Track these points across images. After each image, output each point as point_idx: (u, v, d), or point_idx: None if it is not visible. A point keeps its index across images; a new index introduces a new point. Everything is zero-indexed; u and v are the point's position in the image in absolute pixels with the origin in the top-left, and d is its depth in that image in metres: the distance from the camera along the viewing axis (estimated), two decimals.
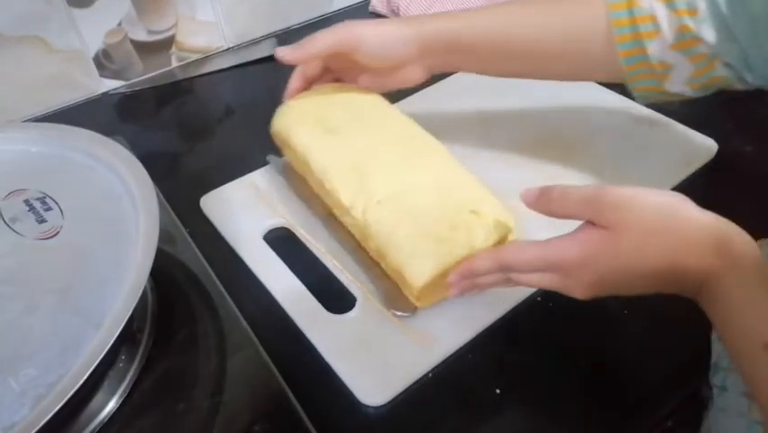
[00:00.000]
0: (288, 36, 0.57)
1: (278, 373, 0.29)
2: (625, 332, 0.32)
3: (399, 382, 0.29)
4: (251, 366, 0.30)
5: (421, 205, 0.31)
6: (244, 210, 0.38)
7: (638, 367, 0.31)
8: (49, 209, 0.31)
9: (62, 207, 0.31)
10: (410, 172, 0.33)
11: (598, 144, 0.42)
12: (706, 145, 0.41)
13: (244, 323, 0.32)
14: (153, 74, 0.53)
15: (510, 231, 0.31)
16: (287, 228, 0.37)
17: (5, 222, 0.31)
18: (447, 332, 0.31)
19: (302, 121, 0.36)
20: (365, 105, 0.37)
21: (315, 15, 0.60)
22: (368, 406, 0.29)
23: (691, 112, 0.45)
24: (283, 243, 0.36)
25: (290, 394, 0.29)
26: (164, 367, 0.29)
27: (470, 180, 0.33)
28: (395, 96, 0.45)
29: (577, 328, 0.32)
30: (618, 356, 0.31)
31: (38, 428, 0.22)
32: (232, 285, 0.34)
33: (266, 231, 0.37)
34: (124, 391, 0.28)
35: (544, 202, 0.27)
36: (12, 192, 0.32)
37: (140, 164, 0.32)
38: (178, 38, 0.53)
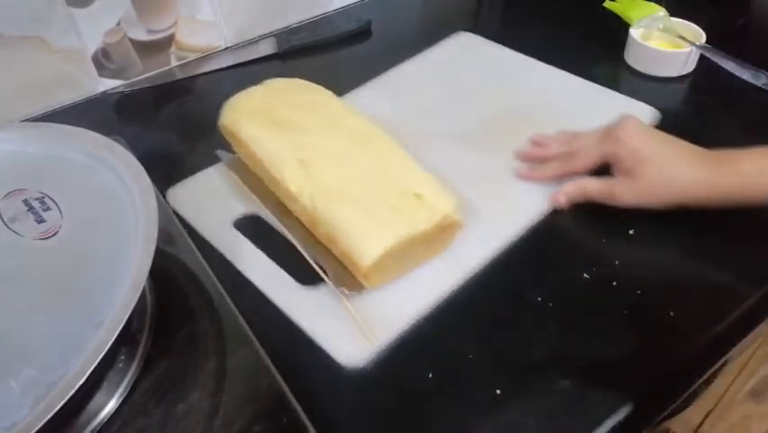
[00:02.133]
0: (287, 35, 0.57)
1: (277, 373, 0.29)
2: (626, 331, 0.32)
3: (375, 344, 0.31)
4: (251, 366, 0.30)
5: (366, 190, 0.33)
6: (212, 200, 0.39)
7: (638, 368, 0.30)
8: (48, 209, 0.31)
9: (61, 207, 0.31)
10: (355, 160, 0.35)
11: (547, 115, 0.45)
12: (648, 114, 0.44)
13: (243, 323, 0.31)
14: (152, 73, 0.53)
15: (451, 212, 0.33)
16: (254, 216, 0.38)
17: (4, 222, 0.31)
18: (389, 313, 0.32)
19: (250, 115, 0.38)
20: (311, 99, 0.39)
21: (315, 14, 0.60)
22: (348, 367, 0.30)
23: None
24: (252, 229, 0.37)
25: (289, 394, 0.28)
26: (163, 367, 0.29)
27: (413, 166, 0.35)
28: (350, 85, 0.47)
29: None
30: (616, 356, 0.31)
31: (38, 427, 0.22)
32: (230, 285, 0.34)
33: (235, 219, 0.38)
34: (124, 391, 0.28)
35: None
36: (10, 192, 0.32)
37: (139, 164, 0.31)
38: (178, 37, 0.53)
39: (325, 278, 0.33)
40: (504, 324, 0.32)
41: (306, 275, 0.34)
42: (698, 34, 0.50)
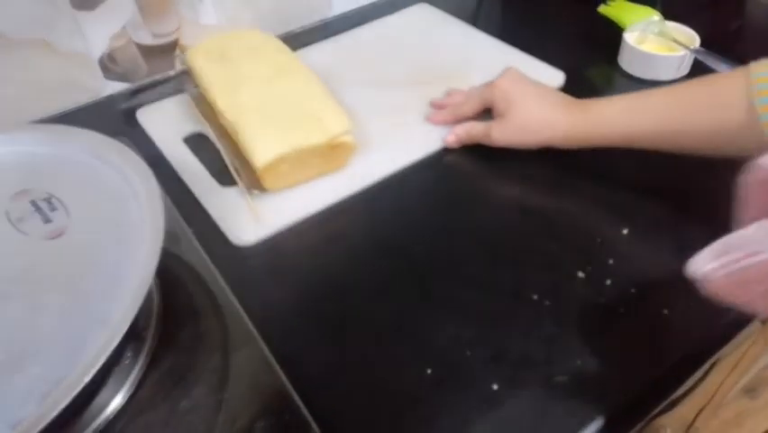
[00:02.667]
0: (288, 40, 0.58)
1: (280, 371, 0.30)
2: (621, 329, 0.33)
3: (262, 229, 0.38)
4: (254, 364, 0.30)
5: (274, 108, 0.40)
6: (171, 121, 0.47)
7: (632, 365, 0.31)
8: (54, 209, 0.31)
9: (68, 208, 0.31)
10: (274, 86, 0.42)
11: (467, 73, 0.51)
12: (554, 75, 0.50)
13: (247, 321, 0.32)
14: (158, 77, 0.53)
15: (341, 132, 0.39)
16: (200, 134, 0.46)
17: (12, 222, 0.31)
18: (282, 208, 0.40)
19: (205, 52, 0.46)
20: (259, 42, 0.47)
21: (316, 20, 0.61)
22: (239, 246, 0.38)
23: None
24: (195, 144, 0.45)
25: (293, 391, 0.29)
26: (169, 365, 0.30)
27: (320, 93, 0.42)
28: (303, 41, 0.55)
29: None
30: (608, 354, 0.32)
31: (44, 424, 0.22)
32: (235, 283, 0.34)
33: (185, 135, 0.46)
34: (130, 389, 0.29)
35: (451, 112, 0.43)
36: (18, 193, 0.32)
37: (145, 165, 0.32)
38: (182, 41, 0.53)
39: (237, 179, 0.40)
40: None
41: (226, 178, 0.41)
42: (692, 38, 0.50)
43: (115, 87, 0.52)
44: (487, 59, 0.52)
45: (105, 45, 0.49)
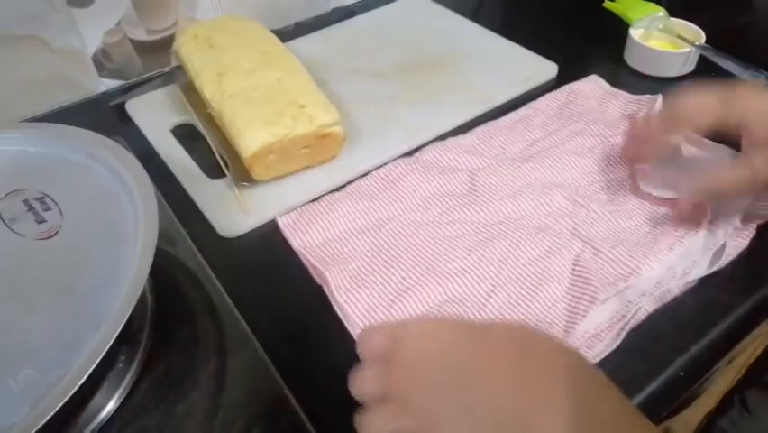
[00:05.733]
0: (283, 33, 0.57)
1: (277, 374, 0.29)
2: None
3: (250, 221, 0.38)
4: (251, 367, 0.30)
5: (261, 98, 0.40)
6: (160, 111, 0.47)
7: (637, 368, 0.30)
8: (48, 209, 0.31)
9: (61, 207, 0.31)
10: (261, 75, 0.42)
11: (460, 64, 0.51)
12: (547, 67, 0.50)
13: (243, 323, 0.32)
14: (153, 74, 0.53)
15: (328, 123, 0.39)
16: (188, 124, 0.46)
17: (4, 222, 0.31)
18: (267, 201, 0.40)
19: (192, 40, 0.46)
20: (246, 30, 0.47)
21: (313, 15, 0.60)
22: (225, 237, 0.38)
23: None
24: (183, 134, 0.45)
25: (290, 395, 0.29)
26: (164, 367, 0.29)
27: (307, 84, 0.42)
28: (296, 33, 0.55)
29: None
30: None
31: (37, 428, 0.22)
32: (229, 283, 0.34)
33: (173, 125, 0.46)
34: (124, 392, 0.28)
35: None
36: (11, 192, 0.32)
37: (139, 164, 0.32)
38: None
39: (225, 169, 0.40)
40: None
41: (213, 169, 0.41)
42: (697, 34, 0.50)
43: (109, 84, 0.51)
44: (478, 51, 0.52)
45: (100, 41, 0.49)
